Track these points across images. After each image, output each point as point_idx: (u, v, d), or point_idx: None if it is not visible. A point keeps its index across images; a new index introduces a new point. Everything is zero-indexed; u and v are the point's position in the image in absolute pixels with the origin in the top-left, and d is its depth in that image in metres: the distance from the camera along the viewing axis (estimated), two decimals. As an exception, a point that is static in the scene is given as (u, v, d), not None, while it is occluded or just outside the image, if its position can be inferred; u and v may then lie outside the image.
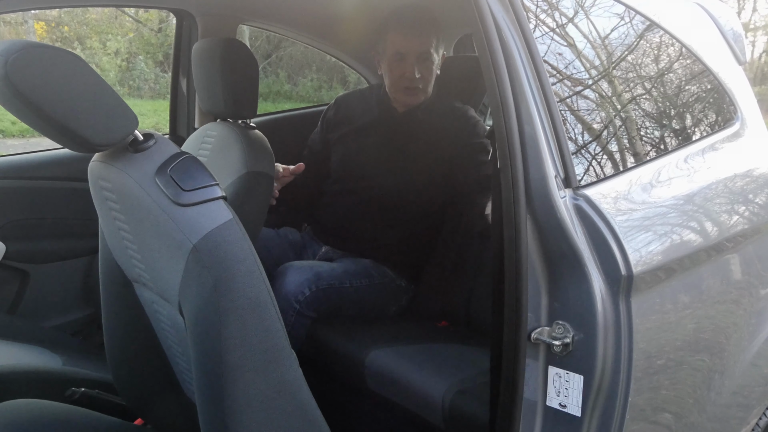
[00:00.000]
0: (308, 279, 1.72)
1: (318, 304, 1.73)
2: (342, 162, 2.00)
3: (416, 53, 1.80)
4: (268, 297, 0.90)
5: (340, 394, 1.71)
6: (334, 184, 2.01)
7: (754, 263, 1.40)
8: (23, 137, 8.06)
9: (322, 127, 2.09)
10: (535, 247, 1.04)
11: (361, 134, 1.98)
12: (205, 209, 0.88)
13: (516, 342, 1.04)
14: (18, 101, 0.83)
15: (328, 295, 1.75)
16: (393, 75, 1.85)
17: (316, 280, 1.73)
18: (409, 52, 1.80)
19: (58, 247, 2.00)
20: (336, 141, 2.03)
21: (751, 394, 1.44)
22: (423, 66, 1.82)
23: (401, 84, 1.85)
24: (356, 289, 1.82)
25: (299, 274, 1.73)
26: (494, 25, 1.04)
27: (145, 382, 1.26)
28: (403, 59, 1.81)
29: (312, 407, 0.96)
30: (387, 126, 1.95)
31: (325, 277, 1.76)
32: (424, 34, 1.80)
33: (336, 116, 2.05)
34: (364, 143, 1.96)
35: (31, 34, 10.71)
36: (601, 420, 1.03)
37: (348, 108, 2.05)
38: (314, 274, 1.75)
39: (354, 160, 1.97)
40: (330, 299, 1.76)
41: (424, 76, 1.83)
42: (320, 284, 1.73)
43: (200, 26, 2.14)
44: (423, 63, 1.82)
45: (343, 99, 2.10)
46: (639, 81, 1.44)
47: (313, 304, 1.72)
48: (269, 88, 11.16)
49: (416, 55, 1.80)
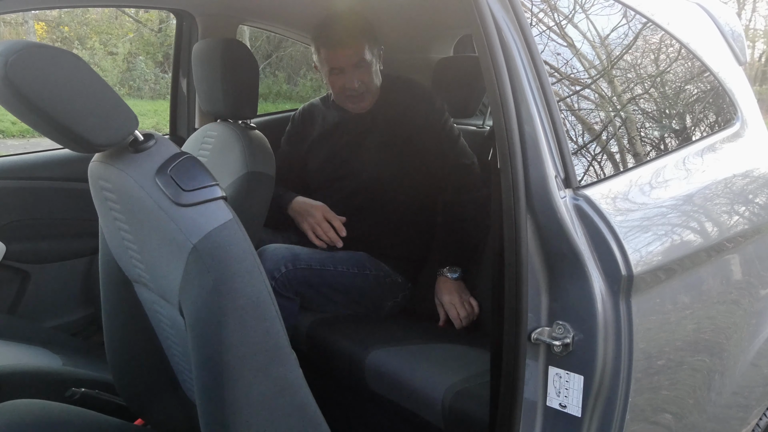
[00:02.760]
0: (284, 257, 1.72)
1: (297, 285, 1.72)
2: (319, 168, 2.01)
3: (350, 64, 1.82)
4: (268, 297, 0.90)
5: (340, 394, 1.71)
6: (315, 191, 2.02)
7: (754, 263, 1.40)
8: (23, 137, 8.06)
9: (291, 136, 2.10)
10: (535, 247, 1.04)
11: (329, 138, 1.99)
12: (206, 209, 0.88)
13: (516, 342, 1.04)
14: (18, 101, 0.83)
15: (307, 277, 1.74)
16: (335, 88, 1.88)
17: (293, 259, 1.73)
18: (343, 64, 1.82)
19: (58, 248, 2.00)
20: (307, 150, 2.04)
21: (751, 394, 1.44)
22: (361, 73, 1.83)
23: (344, 94, 1.87)
24: (341, 274, 1.80)
25: (275, 252, 1.73)
26: (494, 25, 1.04)
27: (145, 382, 1.26)
28: (341, 72, 1.83)
29: (312, 407, 0.96)
30: (351, 125, 1.96)
31: (303, 258, 1.75)
32: (353, 43, 1.80)
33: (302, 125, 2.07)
34: (335, 145, 1.98)
35: (31, 34, 10.72)
36: (601, 420, 1.03)
37: (312, 116, 2.07)
38: (292, 254, 1.74)
39: (330, 163, 1.98)
40: (310, 282, 1.75)
41: (363, 81, 1.85)
42: (298, 264, 1.72)
43: (200, 26, 2.14)
44: (359, 70, 1.83)
45: (308, 108, 2.11)
46: (639, 81, 1.44)
47: (291, 285, 1.71)
48: (269, 88, 11.16)
49: (351, 66, 1.82)
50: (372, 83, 1.87)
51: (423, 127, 1.89)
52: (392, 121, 1.90)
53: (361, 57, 1.81)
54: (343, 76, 1.83)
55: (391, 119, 1.90)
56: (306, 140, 2.05)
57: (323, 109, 2.06)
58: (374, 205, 1.92)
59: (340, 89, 1.87)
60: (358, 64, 1.82)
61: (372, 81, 1.87)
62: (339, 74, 1.84)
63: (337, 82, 1.85)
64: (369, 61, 1.83)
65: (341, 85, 1.85)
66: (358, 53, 1.81)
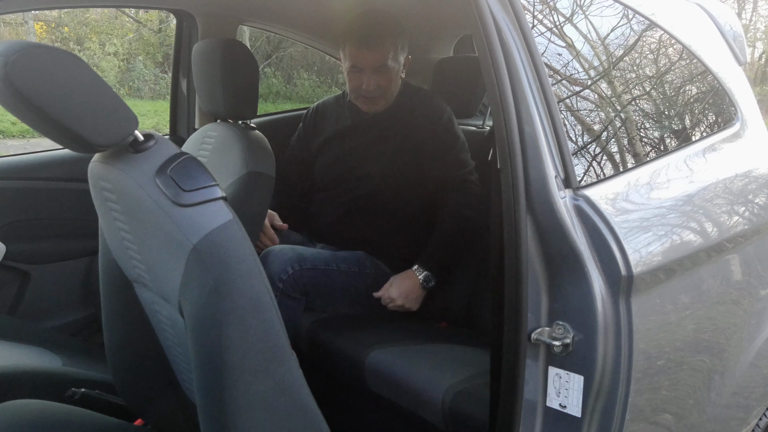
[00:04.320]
0: (290, 258, 1.72)
1: (304, 285, 1.72)
2: (327, 168, 2.02)
3: (372, 67, 1.82)
4: (269, 297, 0.90)
5: (340, 394, 1.71)
6: (321, 190, 2.02)
7: (754, 264, 1.40)
8: (23, 138, 8.06)
9: (303, 133, 2.10)
10: (535, 248, 1.04)
11: (341, 139, 2.00)
12: (206, 210, 0.88)
13: (516, 342, 1.04)
14: (18, 102, 0.82)
15: (314, 277, 1.74)
16: (351, 85, 1.88)
17: (299, 260, 1.73)
18: (364, 66, 1.82)
19: (59, 248, 2.00)
20: (318, 149, 2.05)
21: (751, 394, 1.44)
22: (380, 77, 1.84)
23: (359, 94, 1.88)
24: (345, 273, 1.81)
25: (281, 254, 1.73)
26: (494, 25, 1.04)
27: (145, 382, 1.26)
28: (361, 71, 1.83)
29: (312, 407, 0.96)
30: (362, 129, 1.97)
31: (309, 259, 1.76)
32: (379, 47, 1.80)
33: (314, 123, 2.08)
34: (346, 147, 1.98)
35: (31, 34, 10.71)
36: (601, 420, 1.03)
37: (324, 115, 2.07)
38: (297, 255, 1.75)
39: (338, 164, 1.99)
40: (317, 281, 1.75)
41: (381, 86, 1.85)
42: (304, 264, 1.73)
43: (200, 27, 2.14)
44: (380, 75, 1.83)
45: (321, 106, 2.12)
46: (639, 81, 1.44)
47: (298, 285, 1.71)
48: (269, 88, 11.16)
49: (372, 69, 1.82)
50: (389, 89, 1.87)
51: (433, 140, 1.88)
52: (405, 130, 1.90)
53: (384, 62, 1.81)
54: (362, 76, 1.83)
55: (405, 128, 1.90)
56: (317, 138, 2.05)
57: (337, 108, 2.06)
58: (378, 208, 1.92)
59: (356, 88, 1.87)
60: (380, 69, 1.82)
61: (390, 87, 1.87)
62: (358, 73, 1.84)
63: (355, 81, 1.86)
64: (391, 68, 1.83)
65: (358, 84, 1.85)
66: (381, 58, 1.81)
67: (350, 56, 1.82)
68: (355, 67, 1.83)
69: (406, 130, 1.90)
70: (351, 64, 1.83)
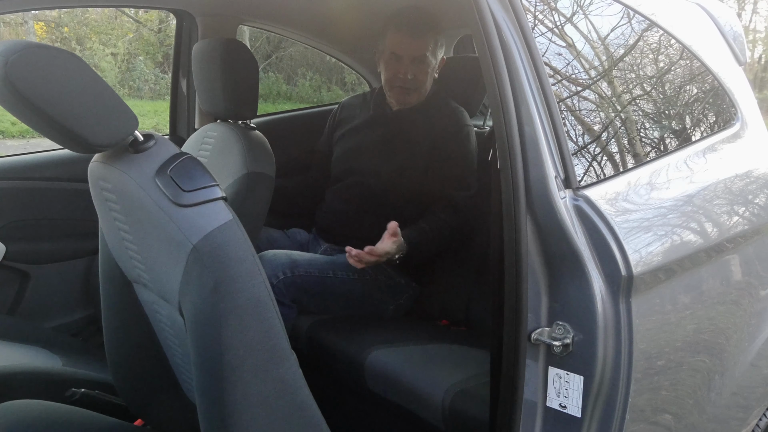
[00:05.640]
0: (282, 264, 1.71)
1: (295, 292, 1.70)
2: (339, 160, 2.04)
3: (411, 56, 1.83)
4: (268, 297, 0.90)
5: (340, 394, 1.71)
6: (333, 183, 2.03)
7: (754, 264, 1.40)
8: (23, 138, 8.06)
9: (327, 129, 2.15)
10: (535, 248, 1.04)
11: (357, 133, 2.01)
12: (206, 210, 0.88)
13: (516, 342, 1.04)
14: (18, 102, 0.82)
15: (307, 284, 1.72)
16: (387, 73, 1.89)
17: (291, 266, 1.71)
18: (404, 53, 1.83)
19: (58, 248, 2.00)
20: (336, 141, 2.07)
21: (751, 395, 1.44)
22: (417, 68, 1.85)
23: (394, 83, 1.89)
24: (342, 281, 1.78)
25: (275, 259, 1.72)
26: (494, 26, 1.04)
27: (145, 382, 1.26)
28: (399, 60, 1.85)
29: (312, 407, 0.96)
30: (381, 124, 1.98)
31: (302, 265, 1.73)
32: (421, 37, 1.82)
33: (339, 118, 2.11)
34: (360, 141, 1.99)
35: (31, 34, 10.71)
36: (601, 421, 1.03)
37: (350, 109, 2.10)
38: (290, 261, 1.73)
39: (350, 157, 2.00)
40: (310, 289, 1.73)
41: (417, 78, 1.86)
42: (296, 270, 1.71)
43: (200, 27, 2.14)
44: (418, 65, 1.85)
45: (347, 101, 2.15)
46: (639, 81, 1.44)
47: (289, 292, 1.69)
48: (269, 88, 11.16)
49: (411, 58, 1.84)
50: (424, 83, 1.88)
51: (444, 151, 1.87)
52: (422, 133, 1.90)
53: (423, 53, 1.83)
54: (400, 64, 1.85)
55: (422, 130, 1.91)
56: (338, 131, 2.07)
57: (362, 102, 2.09)
58: (384, 206, 1.91)
59: (392, 76, 1.88)
60: (419, 59, 1.84)
61: (425, 80, 1.88)
62: (397, 62, 1.85)
63: (392, 68, 1.87)
64: (428, 61, 1.85)
65: (394, 72, 1.86)
66: (421, 48, 1.82)
67: (392, 43, 1.84)
68: (394, 54, 1.84)
69: (423, 133, 1.91)
70: (391, 51, 1.85)
